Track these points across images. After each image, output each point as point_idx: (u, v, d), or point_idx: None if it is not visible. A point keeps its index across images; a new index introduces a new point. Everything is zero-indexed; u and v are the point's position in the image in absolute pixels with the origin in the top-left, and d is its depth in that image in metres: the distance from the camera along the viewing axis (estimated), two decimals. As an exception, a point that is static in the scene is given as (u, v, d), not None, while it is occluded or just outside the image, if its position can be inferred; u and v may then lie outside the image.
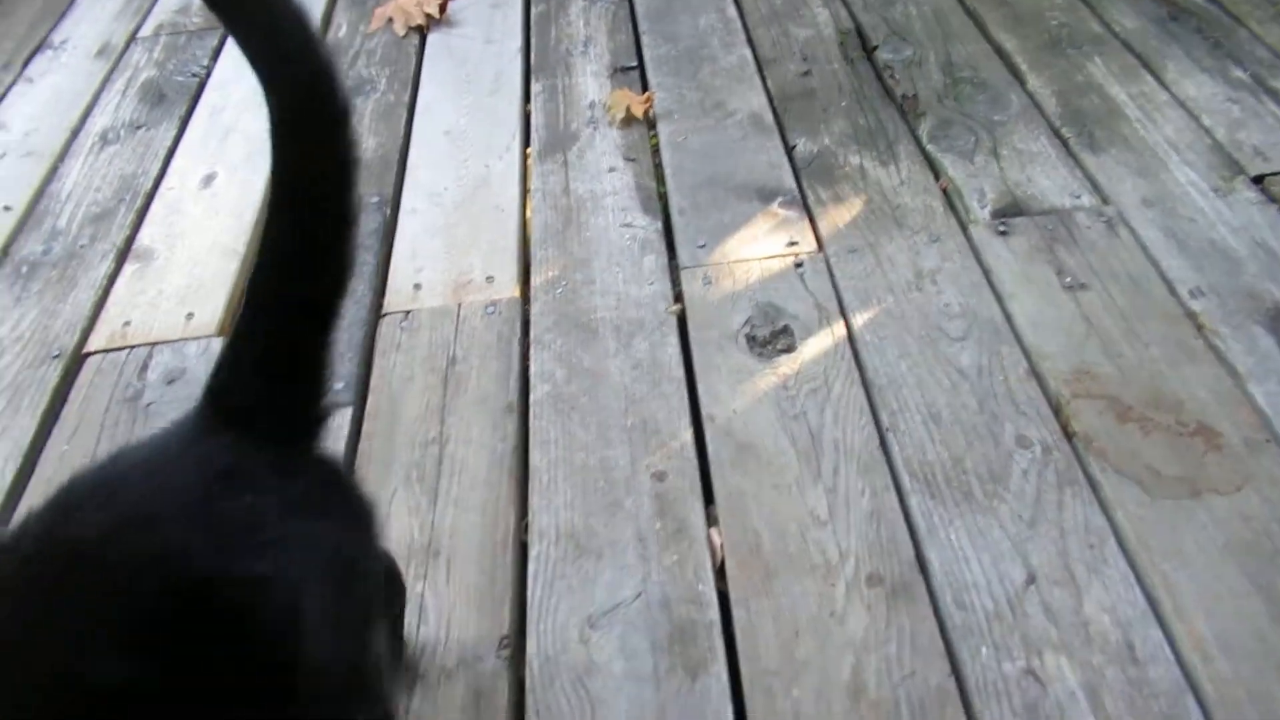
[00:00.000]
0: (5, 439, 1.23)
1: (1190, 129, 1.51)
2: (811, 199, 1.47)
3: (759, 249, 1.39)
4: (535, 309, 1.34)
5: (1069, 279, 1.29)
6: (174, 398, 1.25)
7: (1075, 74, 1.66)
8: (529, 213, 1.52)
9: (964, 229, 1.39)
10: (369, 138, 1.70)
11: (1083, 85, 1.64)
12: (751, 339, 1.25)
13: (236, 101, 1.83)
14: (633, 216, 1.47)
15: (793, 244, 1.39)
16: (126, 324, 1.38)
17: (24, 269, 1.50)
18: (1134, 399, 1.13)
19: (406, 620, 0.97)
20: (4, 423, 1.25)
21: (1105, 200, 1.41)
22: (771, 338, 1.25)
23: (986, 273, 1.31)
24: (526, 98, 1.77)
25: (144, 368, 1.30)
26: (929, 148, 1.54)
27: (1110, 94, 1.61)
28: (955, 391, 1.16)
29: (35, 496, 1.16)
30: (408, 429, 1.18)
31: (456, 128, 1.71)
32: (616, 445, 1.14)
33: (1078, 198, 1.41)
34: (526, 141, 1.67)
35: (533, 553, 1.04)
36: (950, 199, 1.44)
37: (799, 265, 1.35)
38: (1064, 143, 1.52)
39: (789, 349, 1.23)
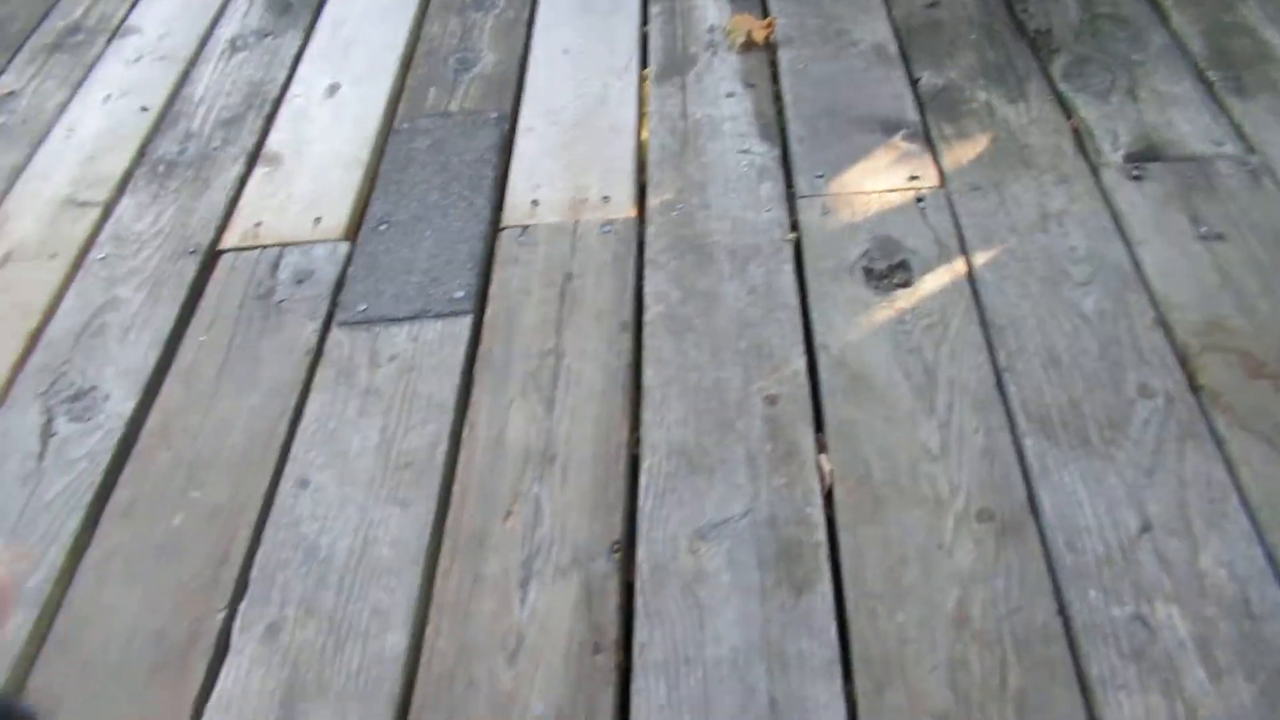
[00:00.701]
0: (147, 328, 1.30)
1: (1349, 77, 1.43)
2: (935, 134, 1.43)
3: (879, 181, 1.36)
4: (650, 230, 1.34)
5: (1205, 228, 1.24)
6: (303, 296, 1.30)
7: (1225, 14, 1.57)
8: (645, 134, 1.52)
9: (1094, 172, 1.34)
10: (488, 53, 1.71)
11: (1232, 26, 1.55)
12: (868, 271, 1.24)
13: (358, 14, 1.85)
14: (750, 143, 1.46)
15: (914, 178, 1.36)
16: (258, 224, 1.43)
17: (160, 168, 1.57)
18: (1268, 355, 1.09)
19: (523, 518, 1.01)
20: (146, 312, 1.33)
21: (1251, 149, 1.34)
22: (889, 271, 1.24)
23: (1116, 217, 1.27)
24: (644, 19, 1.76)
25: (275, 267, 1.36)
26: (1061, 86, 1.49)
27: (1264, 37, 1.52)
28: (1076, 336, 1.14)
29: (175, 382, 1.23)
30: (525, 340, 1.21)
31: (575, 46, 1.70)
32: (729, 367, 1.15)
33: (1220, 145, 1.35)
34: (644, 63, 1.66)
35: (644, 465, 1.07)
36: (1081, 140, 1.40)
37: (920, 200, 1.33)
38: (1208, 86, 1.45)
39: (906, 283, 1.22)
